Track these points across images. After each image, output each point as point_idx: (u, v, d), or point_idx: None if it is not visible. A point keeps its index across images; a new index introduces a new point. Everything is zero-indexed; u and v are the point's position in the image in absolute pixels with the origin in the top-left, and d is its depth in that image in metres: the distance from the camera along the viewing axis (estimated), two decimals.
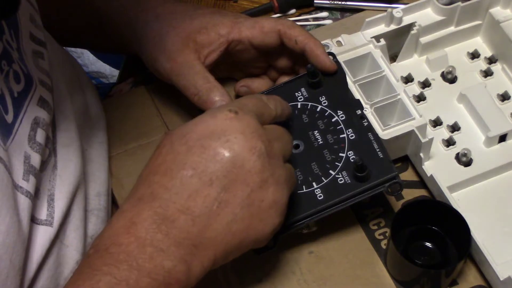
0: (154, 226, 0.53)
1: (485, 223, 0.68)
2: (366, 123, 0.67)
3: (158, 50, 0.71)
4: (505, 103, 0.75)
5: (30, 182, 0.55)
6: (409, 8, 0.77)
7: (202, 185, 0.54)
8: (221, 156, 0.54)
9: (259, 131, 0.56)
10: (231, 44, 0.72)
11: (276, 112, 0.61)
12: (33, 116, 0.57)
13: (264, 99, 0.61)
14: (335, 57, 0.71)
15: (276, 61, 0.74)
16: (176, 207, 0.53)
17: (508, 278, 0.63)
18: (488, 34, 0.79)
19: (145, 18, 0.73)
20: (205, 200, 0.54)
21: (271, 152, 0.56)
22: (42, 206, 0.58)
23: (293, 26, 0.70)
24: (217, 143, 0.54)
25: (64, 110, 0.65)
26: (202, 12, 0.73)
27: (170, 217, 0.53)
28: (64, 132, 0.63)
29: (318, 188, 0.65)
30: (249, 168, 0.55)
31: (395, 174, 0.64)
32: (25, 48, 0.58)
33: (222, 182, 0.54)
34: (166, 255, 0.52)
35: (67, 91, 0.67)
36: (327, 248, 0.69)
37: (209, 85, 0.69)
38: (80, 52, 1.39)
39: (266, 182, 0.55)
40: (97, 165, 0.71)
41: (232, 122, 0.55)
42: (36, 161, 0.56)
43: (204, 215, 0.54)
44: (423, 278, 0.65)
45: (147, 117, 0.79)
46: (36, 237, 0.57)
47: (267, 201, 0.56)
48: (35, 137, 0.57)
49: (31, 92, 0.57)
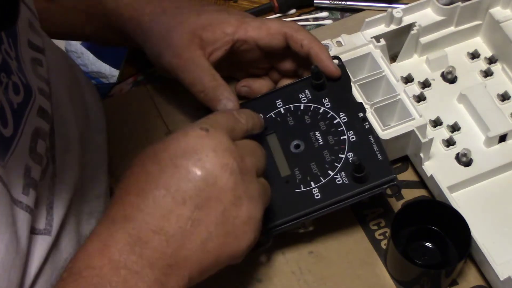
0: (128, 247, 0.52)
1: (485, 223, 0.68)
2: (367, 126, 0.67)
3: (164, 44, 0.71)
4: (505, 103, 0.75)
5: (30, 196, 0.54)
6: (409, 8, 0.77)
7: (175, 205, 0.53)
8: (193, 175, 0.54)
9: (231, 148, 0.55)
10: (236, 44, 0.71)
11: (247, 126, 0.60)
12: (33, 127, 0.56)
13: (235, 114, 0.60)
14: (340, 61, 0.71)
15: (279, 63, 0.74)
16: (149, 228, 0.53)
17: (508, 278, 0.63)
18: (488, 34, 0.79)
19: (151, 11, 0.73)
20: (178, 219, 0.53)
21: (244, 168, 0.56)
22: (41, 216, 0.58)
23: (299, 29, 0.70)
24: (189, 162, 0.54)
25: (63, 116, 0.64)
26: (209, 9, 0.73)
27: (143, 238, 0.52)
28: (63, 139, 0.63)
29: (315, 188, 0.65)
30: (221, 186, 0.54)
31: (393, 177, 0.64)
32: (24, 56, 0.58)
33: (195, 200, 0.54)
34: (140, 277, 0.51)
35: (67, 95, 0.67)
36: (327, 248, 0.69)
37: (215, 83, 0.68)
38: (80, 52, 1.39)
39: (240, 199, 0.55)
40: (97, 167, 0.70)
41: (204, 140, 0.55)
42: (37, 173, 0.56)
43: (178, 234, 0.53)
44: (423, 278, 0.65)
45: (147, 117, 0.78)
46: (35, 248, 0.56)
47: (241, 218, 0.55)
48: (35, 149, 0.56)
49: (30, 103, 0.57)
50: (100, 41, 0.86)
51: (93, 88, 0.77)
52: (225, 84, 0.69)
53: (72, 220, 0.62)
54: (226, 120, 0.59)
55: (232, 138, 0.57)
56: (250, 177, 0.56)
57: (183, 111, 0.78)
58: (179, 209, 0.53)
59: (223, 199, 0.54)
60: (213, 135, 0.55)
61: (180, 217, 0.53)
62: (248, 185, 0.56)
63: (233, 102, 0.68)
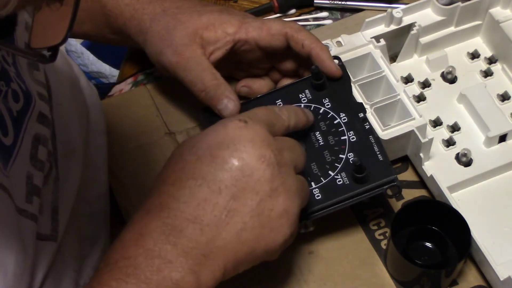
0: (163, 236, 0.52)
1: (485, 223, 0.68)
2: (367, 126, 0.67)
3: (165, 44, 0.71)
4: (505, 103, 0.75)
5: (34, 203, 0.54)
6: (409, 8, 0.77)
7: (211, 194, 0.54)
8: (230, 165, 0.54)
9: (269, 140, 0.55)
10: (237, 44, 0.71)
11: (289, 123, 0.60)
12: (33, 133, 0.56)
13: (276, 109, 0.60)
14: (340, 61, 0.71)
15: (280, 63, 0.74)
16: (184, 216, 0.53)
17: (508, 278, 0.63)
18: (488, 34, 0.79)
19: (152, 11, 0.73)
20: (214, 208, 0.54)
21: (282, 161, 0.56)
22: (46, 221, 0.58)
23: (300, 29, 0.70)
24: (226, 152, 0.54)
25: (64, 119, 0.64)
26: (210, 9, 0.73)
27: (178, 227, 0.53)
28: (65, 142, 0.63)
29: (316, 188, 0.65)
30: (258, 177, 0.54)
31: (394, 177, 0.64)
32: (21, 61, 0.58)
33: (231, 190, 0.54)
34: (174, 266, 0.52)
35: (67, 97, 0.66)
36: (327, 248, 0.69)
37: (216, 82, 0.68)
38: (80, 52, 1.39)
39: (276, 191, 0.55)
40: (97, 168, 0.70)
41: (242, 131, 0.55)
42: (39, 179, 0.56)
43: (213, 224, 0.53)
44: (423, 278, 0.65)
45: (147, 117, 0.78)
46: (41, 255, 0.56)
47: (277, 210, 0.55)
48: (36, 155, 0.56)
49: (30, 109, 0.57)
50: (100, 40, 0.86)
51: (93, 88, 0.77)
52: (225, 83, 0.69)
53: (74, 222, 0.62)
54: (266, 114, 0.59)
55: (272, 133, 0.57)
56: (288, 170, 0.56)
57: (183, 111, 0.78)
58: (215, 198, 0.54)
59: (259, 191, 0.54)
60: (252, 126, 0.56)
61: (216, 206, 0.54)
62: (286, 178, 0.56)
63: (234, 102, 0.68)
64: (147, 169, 0.74)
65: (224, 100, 0.67)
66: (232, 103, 0.67)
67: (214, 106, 0.68)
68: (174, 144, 0.76)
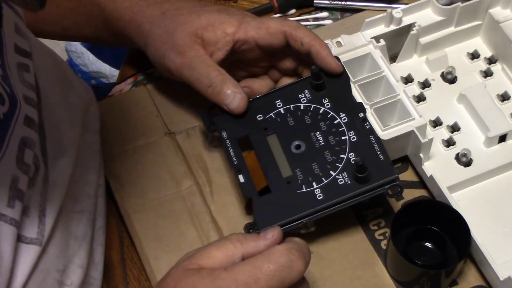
0: None
1: (485, 223, 0.68)
2: (368, 126, 0.67)
3: (167, 46, 0.71)
4: (505, 103, 0.75)
5: (15, 208, 0.53)
6: (409, 9, 0.77)
7: None
8: None
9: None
10: (237, 44, 0.71)
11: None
12: (20, 137, 0.55)
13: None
14: (339, 60, 0.71)
15: (280, 62, 0.74)
16: None
17: (508, 278, 0.63)
18: (488, 34, 0.79)
19: (151, 14, 0.73)
20: None
21: None
22: (32, 224, 0.57)
23: (299, 27, 0.70)
24: None
25: (54, 119, 0.63)
26: (209, 10, 0.73)
27: None
28: (56, 143, 0.62)
29: (318, 188, 0.65)
30: None
31: (395, 177, 0.64)
32: (10, 62, 0.57)
33: None
34: None
35: (58, 98, 0.66)
36: (327, 248, 0.69)
37: (222, 77, 0.69)
38: (80, 52, 1.39)
39: None
40: (88, 167, 0.70)
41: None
42: (24, 183, 0.55)
43: None
44: (423, 278, 0.65)
45: (147, 117, 0.79)
46: (23, 257, 0.55)
47: None
48: (23, 158, 0.55)
49: (16, 113, 0.55)
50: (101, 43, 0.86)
51: (87, 87, 0.76)
52: (231, 78, 0.69)
53: (62, 220, 0.61)
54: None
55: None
56: None
57: (183, 111, 0.78)
58: None
59: None
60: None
61: None
62: None
63: (241, 94, 0.68)
64: (147, 169, 0.75)
65: (231, 94, 0.68)
66: (238, 95, 0.68)
67: (221, 101, 0.68)
68: (174, 144, 0.76)
